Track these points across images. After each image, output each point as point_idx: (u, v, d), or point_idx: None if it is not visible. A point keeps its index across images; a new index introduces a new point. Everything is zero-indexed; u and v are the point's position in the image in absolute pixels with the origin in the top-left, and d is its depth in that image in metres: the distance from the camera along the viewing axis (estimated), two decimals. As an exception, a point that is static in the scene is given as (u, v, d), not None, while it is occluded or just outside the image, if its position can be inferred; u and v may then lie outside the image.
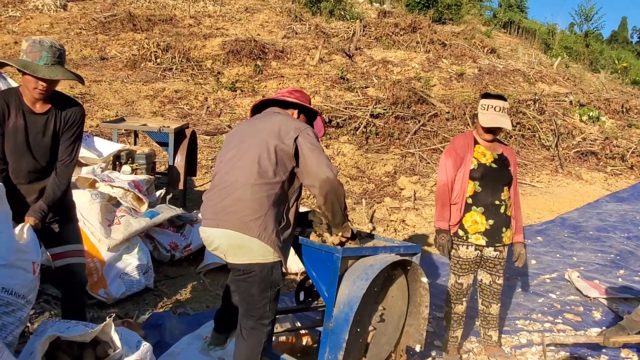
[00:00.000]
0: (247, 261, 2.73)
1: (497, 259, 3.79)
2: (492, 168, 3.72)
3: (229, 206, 2.71)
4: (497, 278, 3.84)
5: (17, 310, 2.56)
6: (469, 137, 3.84)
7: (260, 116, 3.05)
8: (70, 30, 12.00)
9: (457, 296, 3.89)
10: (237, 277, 2.81)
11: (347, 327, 2.75)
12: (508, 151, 3.91)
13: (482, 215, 3.70)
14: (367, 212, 6.90)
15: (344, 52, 12.75)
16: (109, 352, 2.49)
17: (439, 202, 3.79)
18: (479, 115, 3.73)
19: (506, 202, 3.75)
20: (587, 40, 22.31)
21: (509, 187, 3.80)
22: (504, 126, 3.68)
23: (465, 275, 3.83)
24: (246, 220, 2.66)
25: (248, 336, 2.82)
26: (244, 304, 2.83)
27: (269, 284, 2.78)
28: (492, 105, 3.69)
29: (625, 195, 9.00)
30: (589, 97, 12.99)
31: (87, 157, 4.86)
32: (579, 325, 4.63)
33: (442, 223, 3.76)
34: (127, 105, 8.84)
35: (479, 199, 3.71)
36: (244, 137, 2.88)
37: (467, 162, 3.70)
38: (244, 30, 13.14)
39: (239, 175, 2.74)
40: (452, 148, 3.80)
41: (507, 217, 3.77)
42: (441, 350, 4.05)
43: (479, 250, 3.77)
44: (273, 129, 2.81)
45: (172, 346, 3.26)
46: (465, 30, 16.86)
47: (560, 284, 5.55)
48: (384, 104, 9.98)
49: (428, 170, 8.65)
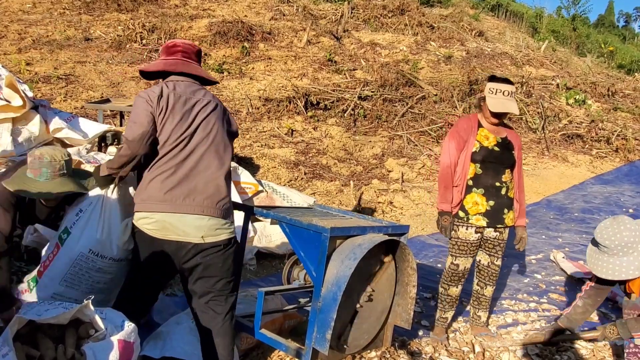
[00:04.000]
0: (229, 236, 2.84)
1: (497, 240, 3.79)
2: (494, 151, 3.71)
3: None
4: (496, 259, 3.84)
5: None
6: (473, 120, 3.81)
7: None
8: (54, 10, 11.78)
9: (452, 278, 3.86)
10: (212, 255, 2.79)
11: (335, 306, 2.76)
12: (512, 135, 3.88)
13: (482, 196, 3.70)
14: (354, 194, 6.90)
15: (331, 34, 12.66)
16: (90, 333, 2.47)
17: (441, 185, 3.76)
18: (487, 99, 3.68)
19: (508, 185, 3.75)
20: (574, 24, 22.34)
21: (511, 169, 3.79)
22: (512, 111, 3.67)
23: (462, 257, 3.79)
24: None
25: (225, 310, 2.88)
26: (218, 281, 2.84)
27: (239, 252, 2.93)
28: (500, 90, 3.65)
29: (610, 178, 9.11)
30: (576, 81, 13.05)
31: (71, 138, 4.78)
32: (563, 305, 4.70)
33: (444, 205, 3.74)
34: (113, 86, 8.72)
35: (479, 181, 3.71)
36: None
37: (470, 145, 3.70)
38: (230, 11, 12.98)
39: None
40: (455, 131, 3.77)
41: (509, 199, 3.77)
42: (428, 330, 4.09)
43: (479, 232, 3.75)
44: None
45: (160, 326, 3.25)
46: (453, 13, 16.81)
47: (545, 264, 5.62)
48: (372, 87, 9.95)
49: (416, 152, 8.67)
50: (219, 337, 2.85)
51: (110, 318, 2.50)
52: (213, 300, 2.85)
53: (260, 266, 4.92)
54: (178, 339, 3.14)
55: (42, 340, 2.38)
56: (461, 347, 3.88)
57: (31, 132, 4.52)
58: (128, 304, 2.88)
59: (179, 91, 2.82)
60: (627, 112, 12.03)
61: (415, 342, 3.84)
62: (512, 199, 3.80)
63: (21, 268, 3.86)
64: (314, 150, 8.02)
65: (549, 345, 3.85)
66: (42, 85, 8.19)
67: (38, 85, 8.11)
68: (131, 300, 2.94)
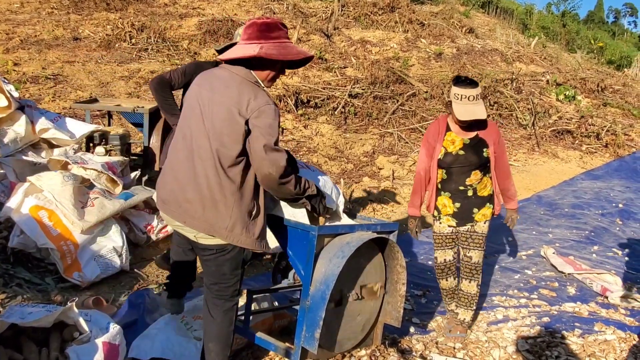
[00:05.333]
0: (223, 241, 2.67)
1: (469, 232, 3.84)
2: (459, 155, 3.72)
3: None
4: (468, 251, 3.86)
5: None
6: (442, 124, 3.80)
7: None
8: (42, 9, 11.69)
9: (437, 271, 4.02)
10: (207, 257, 2.74)
11: (324, 305, 2.74)
12: (487, 131, 3.76)
13: (449, 199, 3.83)
14: (345, 192, 6.89)
15: (322, 32, 12.64)
16: (74, 336, 2.44)
17: (412, 189, 3.94)
18: (454, 106, 3.63)
19: (474, 186, 3.78)
20: (564, 20, 22.46)
21: (481, 169, 3.76)
22: (479, 117, 3.59)
23: (440, 249, 3.95)
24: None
25: (219, 316, 2.78)
26: (215, 284, 2.77)
27: (240, 261, 2.75)
28: (465, 95, 3.58)
29: (600, 173, 9.15)
30: (566, 77, 13.11)
31: (58, 138, 4.74)
32: (554, 301, 4.70)
33: (411, 209, 3.93)
34: (102, 86, 8.66)
35: (445, 185, 3.83)
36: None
37: (436, 152, 3.76)
38: (220, 9, 12.93)
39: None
40: (425, 138, 3.86)
41: (478, 198, 3.81)
42: (419, 327, 4.09)
43: (452, 227, 3.88)
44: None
45: (149, 327, 3.22)
46: (443, 10, 16.83)
47: (536, 260, 5.63)
48: (363, 84, 9.95)
49: (406, 149, 8.66)
50: (212, 342, 2.79)
51: (95, 320, 2.48)
52: (212, 300, 2.79)
53: (251, 265, 4.90)
54: (166, 340, 3.11)
55: (26, 343, 2.35)
56: (452, 343, 3.88)
57: (17, 132, 4.49)
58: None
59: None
60: (617, 107, 12.09)
61: (406, 339, 3.83)
62: (484, 197, 3.82)
63: (7, 270, 3.82)
64: (304, 148, 8.00)
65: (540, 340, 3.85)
66: (30, 85, 8.11)
67: (26, 85, 8.04)
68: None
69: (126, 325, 3.27)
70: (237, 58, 2.60)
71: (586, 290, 4.96)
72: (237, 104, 2.52)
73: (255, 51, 2.54)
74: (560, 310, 4.50)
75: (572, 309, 4.54)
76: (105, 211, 4.14)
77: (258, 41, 2.57)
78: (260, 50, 2.54)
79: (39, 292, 3.69)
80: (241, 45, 2.62)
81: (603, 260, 5.75)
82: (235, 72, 2.63)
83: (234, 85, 2.58)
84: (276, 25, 2.62)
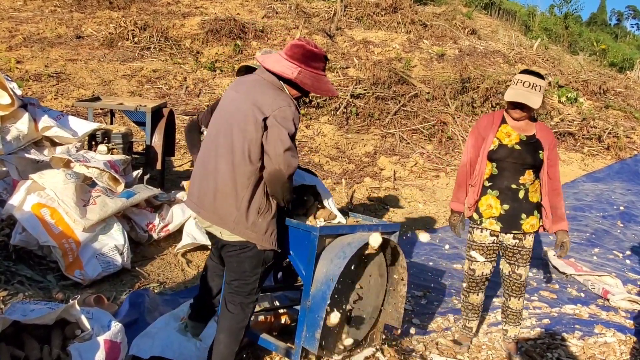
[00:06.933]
0: (245, 238, 2.73)
1: (517, 247, 3.54)
2: (514, 150, 3.43)
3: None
4: (517, 268, 3.58)
5: None
6: (497, 116, 3.57)
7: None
8: (45, 7, 11.71)
9: (470, 284, 3.71)
10: (229, 253, 2.81)
11: (325, 305, 2.75)
12: (544, 133, 3.51)
13: (496, 199, 3.49)
14: (346, 192, 6.90)
15: (324, 32, 12.63)
16: (76, 333, 2.45)
17: (456, 183, 3.68)
18: (507, 90, 3.45)
19: (527, 187, 3.46)
20: (566, 22, 22.41)
21: (535, 171, 3.48)
22: (527, 102, 3.32)
23: (478, 262, 3.63)
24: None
25: (235, 310, 2.83)
26: (235, 280, 2.83)
27: (261, 260, 2.80)
28: (522, 80, 3.39)
29: (602, 176, 9.14)
30: (568, 79, 13.09)
31: (61, 136, 4.76)
32: (554, 302, 4.71)
33: (454, 204, 3.67)
34: (104, 84, 8.67)
35: (494, 182, 3.50)
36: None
37: (488, 142, 3.47)
38: (223, 9, 12.93)
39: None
40: (475, 127, 3.61)
41: (528, 202, 3.48)
42: (420, 328, 4.09)
43: (494, 236, 3.56)
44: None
45: (149, 326, 3.23)
46: (446, 11, 16.80)
47: (537, 262, 5.63)
48: (365, 85, 9.94)
49: (408, 150, 8.66)
50: (223, 333, 2.85)
51: (97, 318, 2.48)
52: (230, 295, 2.85)
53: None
54: (167, 339, 3.12)
55: (28, 341, 2.36)
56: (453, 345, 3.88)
57: (20, 130, 4.50)
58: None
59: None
60: (619, 109, 12.07)
61: (407, 340, 3.84)
62: (533, 203, 3.50)
63: (9, 268, 3.82)
64: (306, 148, 8.01)
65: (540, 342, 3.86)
66: (32, 83, 8.13)
67: (29, 83, 8.05)
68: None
69: (126, 324, 3.28)
70: (275, 73, 2.74)
71: (586, 292, 4.97)
72: (258, 102, 2.65)
73: (294, 75, 2.70)
74: (561, 312, 4.50)
75: (572, 311, 4.55)
76: (107, 209, 4.15)
77: (299, 64, 2.72)
78: (298, 75, 2.70)
79: (40, 290, 3.70)
80: (282, 60, 2.75)
81: (604, 262, 5.75)
82: (264, 77, 2.78)
83: (259, 86, 2.74)
84: (320, 57, 2.78)
